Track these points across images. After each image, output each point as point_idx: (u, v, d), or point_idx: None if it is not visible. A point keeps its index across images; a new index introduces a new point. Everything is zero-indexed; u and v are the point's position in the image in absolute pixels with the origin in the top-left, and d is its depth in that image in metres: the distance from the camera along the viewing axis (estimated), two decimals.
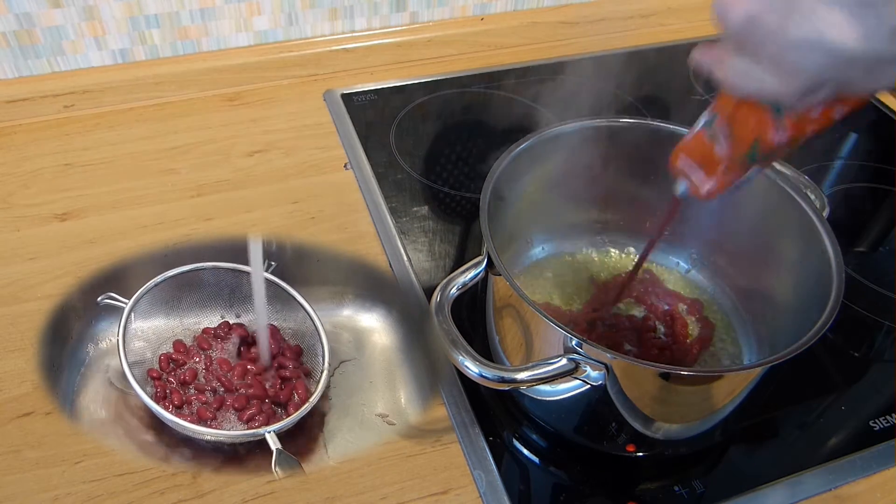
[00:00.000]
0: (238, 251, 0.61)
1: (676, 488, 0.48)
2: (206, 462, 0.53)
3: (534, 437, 0.52)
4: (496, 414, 0.53)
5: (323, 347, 0.56)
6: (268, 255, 0.61)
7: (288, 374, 0.56)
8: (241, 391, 0.54)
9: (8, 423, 0.50)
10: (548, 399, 0.49)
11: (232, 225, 0.64)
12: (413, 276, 0.61)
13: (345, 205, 0.67)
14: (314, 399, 0.53)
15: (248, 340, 0.58)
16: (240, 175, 0.70)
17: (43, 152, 0.71)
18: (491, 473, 0.49)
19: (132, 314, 0.55)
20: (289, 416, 0.52)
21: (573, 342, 0.41)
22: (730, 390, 0.45)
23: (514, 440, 0.52)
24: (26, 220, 0.64)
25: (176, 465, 0.52)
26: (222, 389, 0.55)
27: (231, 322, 0.60)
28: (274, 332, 0.59)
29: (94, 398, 0.56)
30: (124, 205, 0.66)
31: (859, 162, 0.77)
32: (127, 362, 0.52)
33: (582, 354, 0.42)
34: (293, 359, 0.58)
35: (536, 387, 0.47)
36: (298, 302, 0.58)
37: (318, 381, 0.54)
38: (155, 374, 0.55)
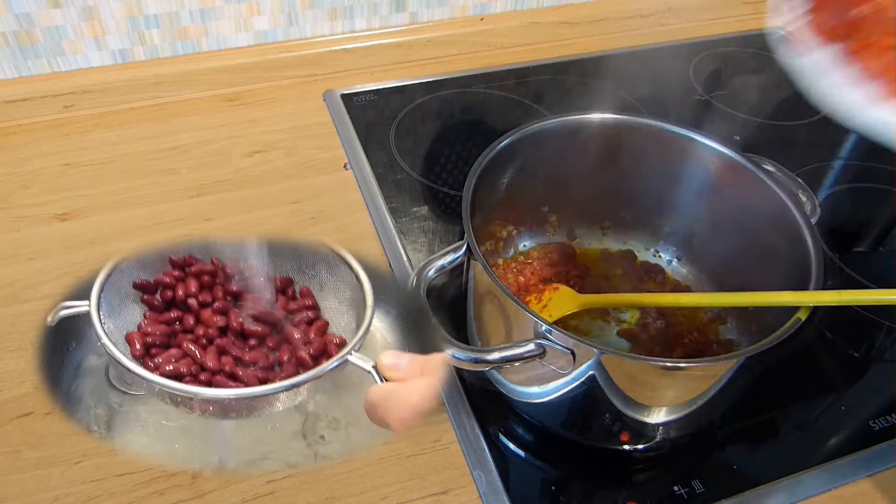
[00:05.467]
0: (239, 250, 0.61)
1: (676, 488, 0.48)
2: (205, 461, 0.53)
3: (535, 437, 0.52)
4: (496, 414, 0.53)
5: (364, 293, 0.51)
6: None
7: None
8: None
9: (8, 423, 0.50)
10: (531, 391, 0.50)
11: (232, 225, 0.64)
12: None
13: (345, 205, 0.67)
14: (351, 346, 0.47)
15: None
16: (240, 175, 0.70)
17: (43, 152, 0.71)
18: (491, 473, 0.49)
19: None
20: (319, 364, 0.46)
21: (542, 328, 0.43)
22: (706, 381, 0.45)
23: (515, 441, 0.52)
24: (26, 220, 0.64)
25: (176, 464, 0.52)
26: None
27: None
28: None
29: (94, 398, 0.56)
30: (124, 205, 0.66)
31: (859, 162, 0.76)
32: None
33: (550, 340, 0.43)
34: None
35: (527, 387, 0.49)
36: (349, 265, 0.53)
37: (359, 330, 0.49)
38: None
